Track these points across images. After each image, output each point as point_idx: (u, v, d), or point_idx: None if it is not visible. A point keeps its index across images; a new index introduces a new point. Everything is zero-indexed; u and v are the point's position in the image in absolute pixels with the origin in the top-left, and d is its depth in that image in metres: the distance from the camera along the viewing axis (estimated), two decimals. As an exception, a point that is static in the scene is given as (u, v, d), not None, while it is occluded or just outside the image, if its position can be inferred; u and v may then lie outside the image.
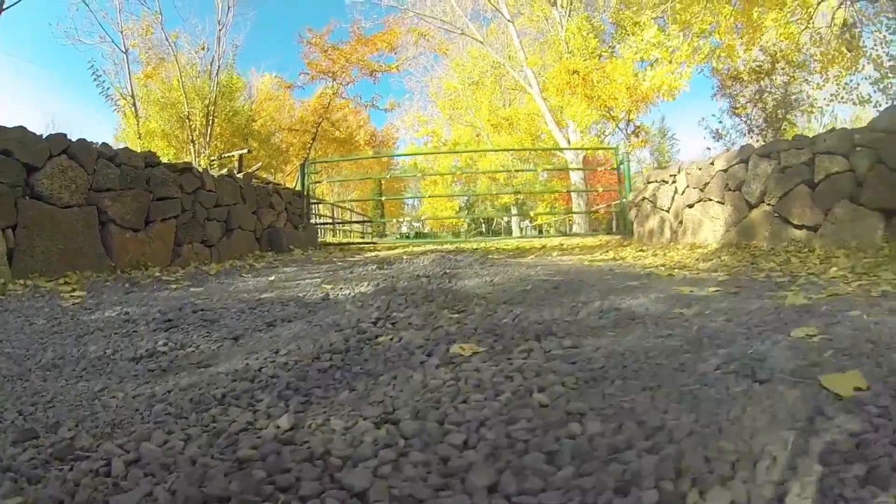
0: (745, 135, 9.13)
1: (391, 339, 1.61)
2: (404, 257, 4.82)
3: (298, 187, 8.46)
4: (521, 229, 29.11)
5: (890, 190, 4.03)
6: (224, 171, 6.40)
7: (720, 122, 11.84)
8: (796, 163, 4.79)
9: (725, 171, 5.65)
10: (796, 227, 4.72)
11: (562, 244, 7.03)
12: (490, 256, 4.42)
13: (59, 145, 4.20)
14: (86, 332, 1.81)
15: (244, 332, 1.79)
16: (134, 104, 8.01)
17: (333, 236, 18.09)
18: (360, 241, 12.19)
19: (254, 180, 7.14)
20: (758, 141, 8.98)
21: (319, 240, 8.59)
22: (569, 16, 12.93)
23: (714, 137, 11.13)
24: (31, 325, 1.94)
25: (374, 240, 14.64)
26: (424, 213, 35.01)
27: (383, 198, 23.38)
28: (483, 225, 28.48)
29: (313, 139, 9.82)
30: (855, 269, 2.92)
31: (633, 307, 2.01)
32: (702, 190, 6.01)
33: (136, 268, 4.58)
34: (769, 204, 5.02)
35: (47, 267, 3.91)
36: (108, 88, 8.62)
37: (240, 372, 1.39)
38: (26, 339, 1.72)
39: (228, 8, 9.23)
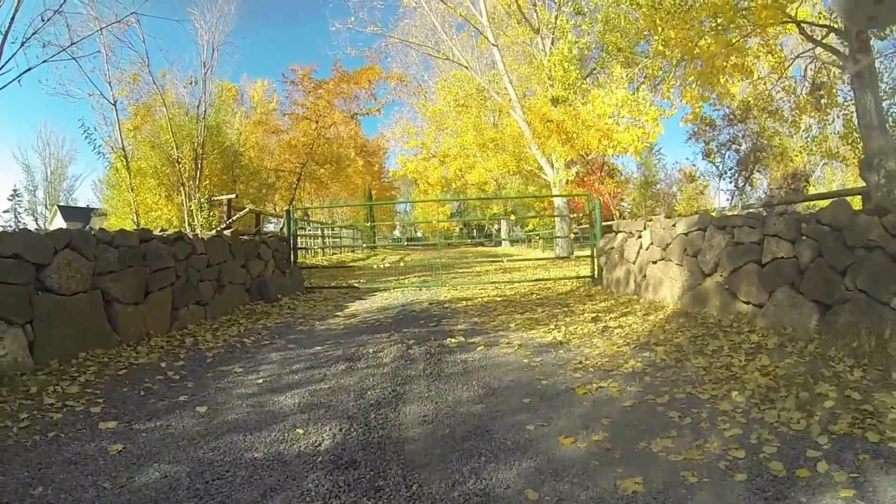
0: (717, 178, 9.50)
1: None
2: (374, 338, 5.10)
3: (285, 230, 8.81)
4: (511, 237, 29.64)
5: (826, 285, 4.29)
6: (213, 231, 6.74)
7: (693, 164, 12.45)
8: (748, 241, 5.11)
9: (686, 235, 6.05)
10: (744, 302, 5.13)
11: (530, 292, 7.45)
12: (449, 342, 4.79)
13: (62, 240, 4.53)
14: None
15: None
16: (125, 156, 8.26)
17: (324, 255, 18.47)
18: (349, 267, 12.53)
19: (240, 233, 7.50)
20: (731, 184, 9.33)
21: (306, 281, 8.96)
22: (552, 43, 13.20)
23: (688, 180, 11.53)
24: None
25: (363, 263, 15.04)
26: (416, 218, 35.71)
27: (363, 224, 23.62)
28: (474, 230, 29.00)
29: (298, 180, 10.11)
30: (753, 398, 3.25)
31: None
32: (664, 249, 6.43)
33: (140, 340, 4.99)
34: (721, 275, 5.43)
35: (63, 351, 4.26)
36: (99, 146, 9.00)
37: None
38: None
39: (213, 49, 9.43)
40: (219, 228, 8.45)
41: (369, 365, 4.12)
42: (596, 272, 8.22)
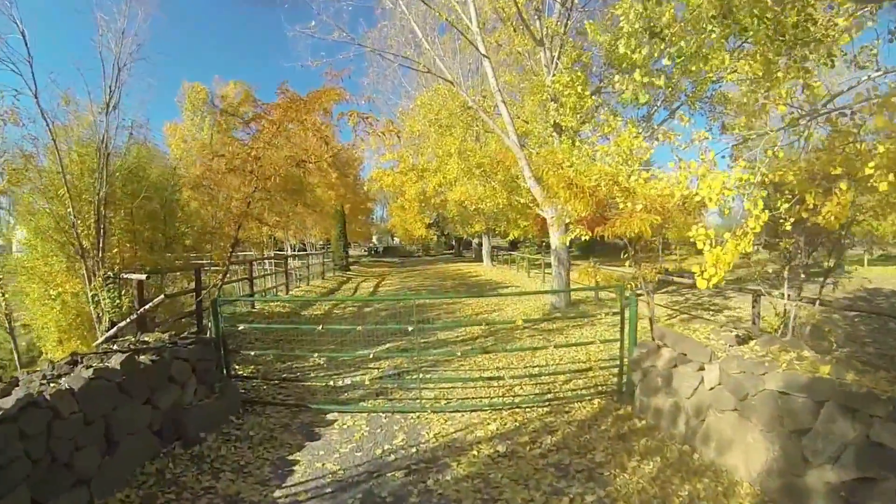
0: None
1: None
2: None
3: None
4: (493, 258, 27.94)
5: None
6: (90, 372, 4.65)
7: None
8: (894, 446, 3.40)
9: (781, 395, 4.22)
10: (878, 532, 3.41)
11: (543, 424, 5.56)
12: None
13: None
14: None
15: None
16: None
17: (289, 289, 16.25)
18: (310, 330, 10.43)
19: (142, 347, 5.48)
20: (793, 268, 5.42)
21: (245, 385, 6.96)
22: (558, 57, 11.17)
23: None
24: None
25: (335, 296, 13.03)
26: (394, 227, 33.56)
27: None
28: (453, 240, 27.13)
29: (233, 245, 7.82)
30: None
31: None
32: (741, 401, 4.63)
33: None
34: (839, 478, 3.69)
35: None
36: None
37: None
38: None
39: (119, 70, 7.04)
40: (131, 318, 6.38)
41: None
42: (623, 384, 6.44)
